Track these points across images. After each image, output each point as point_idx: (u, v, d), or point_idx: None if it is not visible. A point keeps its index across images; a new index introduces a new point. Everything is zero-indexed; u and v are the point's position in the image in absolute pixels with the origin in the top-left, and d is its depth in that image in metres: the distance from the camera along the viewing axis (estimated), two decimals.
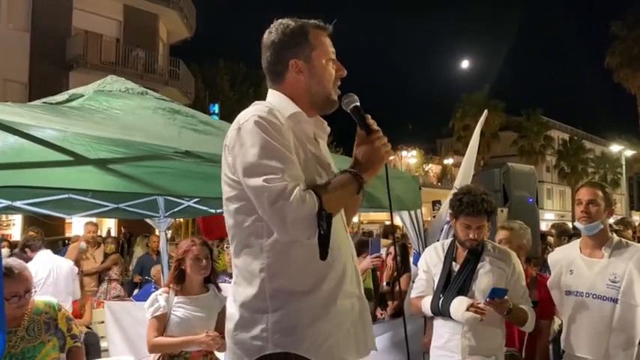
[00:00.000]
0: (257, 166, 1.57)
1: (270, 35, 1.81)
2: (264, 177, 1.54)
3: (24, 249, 5.39)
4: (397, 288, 4.54)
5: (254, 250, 1.67)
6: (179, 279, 3.32)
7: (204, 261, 3.32)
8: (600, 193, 2.93)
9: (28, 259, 5.19)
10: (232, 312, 1.74)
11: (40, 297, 3.12)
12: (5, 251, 7.55)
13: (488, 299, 2.75)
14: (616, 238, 2.98)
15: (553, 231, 7.53)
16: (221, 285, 3.61)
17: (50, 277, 4.96)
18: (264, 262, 1.66)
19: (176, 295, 3.30)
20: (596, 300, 2.86)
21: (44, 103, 3.60)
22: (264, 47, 1.82)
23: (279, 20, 1.82)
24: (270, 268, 1.65)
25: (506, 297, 2.77)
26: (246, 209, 1.66)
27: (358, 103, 1.77)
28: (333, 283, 1.69)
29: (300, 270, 1.66)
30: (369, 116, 1.75)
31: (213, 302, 3.37)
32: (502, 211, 5.79)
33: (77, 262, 6.19)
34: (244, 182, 1.60)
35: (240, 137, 1.62)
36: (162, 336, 3.22)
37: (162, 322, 3.24)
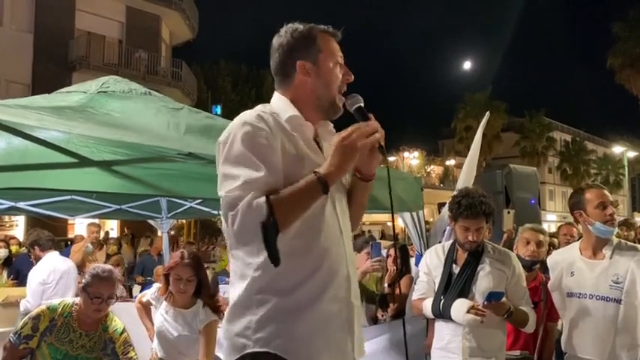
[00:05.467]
0: (224, 176, 1.60)
1: (279, 38, 1.80)
2: (227, 187, 1.57)
3: (33, 246, 5.16)
4: (398, 290, 4.53)
5: (249, 249, 1.65)
6: (168, 289, 3.27)
7: (184, 283, 3.14)
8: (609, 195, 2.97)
9: (37, 258, 5.06)
10: (228, 310, 1.77)
11: (114, 317, 3.16)
12: (3, 251, 7.51)
13: (485, 303, 2.76)
14: (615, 239, 2.98)
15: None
16: (223, 286, 3.62)
17: (62, 279, 4.87)
18: (253, 263, 1.66)
19: (166, 299, 3.27)
20: (600, 301, 2.85)
21: (45, 98, 3.60)
22: (274, 50, 1.81)
23: (289, 24, 1.81)
24: (259, 268, 1.65)
25: (503, 299, 2.79)
26: None
27: (362, 104, 1.76)
28: (318, 286, 1.68)
29: (284, 271, 1.63)
30: (372, 116, 1.73)
31: (194, 319, 3.17)
32: (509, 212, 5.74)
33: (83, 264, 6.16)
34: (219, 186, 1.63)
35: (222, 147, 1.66)
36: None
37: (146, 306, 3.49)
